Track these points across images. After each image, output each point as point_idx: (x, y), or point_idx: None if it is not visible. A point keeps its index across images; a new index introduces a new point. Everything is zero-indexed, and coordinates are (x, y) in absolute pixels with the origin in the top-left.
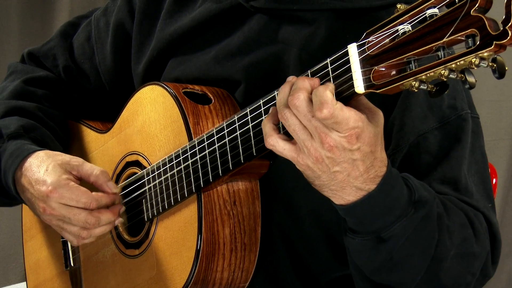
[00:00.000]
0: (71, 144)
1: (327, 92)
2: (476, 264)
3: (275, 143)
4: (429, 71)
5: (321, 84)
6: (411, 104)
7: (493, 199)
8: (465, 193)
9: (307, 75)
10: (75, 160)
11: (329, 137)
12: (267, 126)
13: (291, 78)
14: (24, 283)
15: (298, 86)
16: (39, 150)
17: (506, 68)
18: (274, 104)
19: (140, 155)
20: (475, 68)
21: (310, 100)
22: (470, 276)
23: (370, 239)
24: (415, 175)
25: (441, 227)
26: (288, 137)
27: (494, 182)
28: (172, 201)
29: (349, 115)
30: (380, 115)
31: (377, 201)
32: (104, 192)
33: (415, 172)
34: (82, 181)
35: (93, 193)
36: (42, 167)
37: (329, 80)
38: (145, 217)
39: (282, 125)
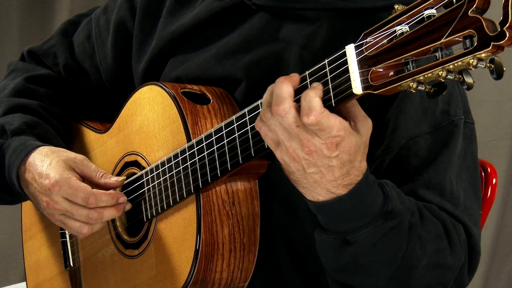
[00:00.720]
0: (70, 144)
1: (317, 99)
2: (448, 275)
3: (261, 126)
4: (427, 72)
5: (312, 84)
6: (406, 106)
7: (481, 206)
8: (450, 198)
9: (305, 76)
10: (80, 158)
11: (310, 142)
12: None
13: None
14: (24, 283)
15: (282, 94)
16: (43, 145)
17: (504, 69)
18: None
19: (139, 155)
20: (473, 69)
21: (295, 108)
22: (440, 286)
23: (336, 238)
24: (402, 178)
25: (412, 236)
26: None
27: (494, 182)
28: (171, 201)
29: (333, 123)
30: (367, 125)
31: (346, 205)
32: (110, 188)
33: (403, 174)
34: (85, 180)
35: (94, 189)
36: (45, 162)
37: (327, 81)
38: (144, 217)
39: None
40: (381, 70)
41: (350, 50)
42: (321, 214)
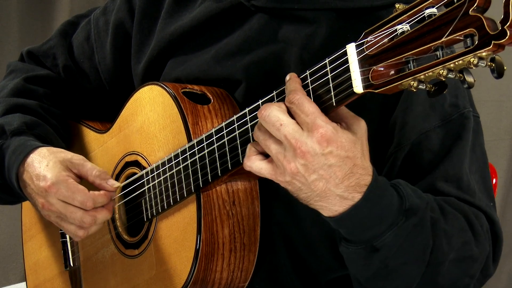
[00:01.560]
0: (70, 144)
1: (298, 84)
2: (475, 266)
3: (252, 164)
4: (427, 71)
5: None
6: (413, 103)
7: (494, 197)
8: (467, 190)
9: (306, 75)
10: (77, 158)
11: (300, 142)
12: (248, 149)
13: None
14: (24, 283)
15: (266, 104)
16: (42, 146)
17: (505, 67)
18: None
19: (139, 155)
20: (474, 67)
21: (278, 110)
22: (468, 278)
23: (363, 248)
24: (418, 173)
25: (437, 232)
26: (264, 156)
27: (494, 182)
28: (171, 201)
29: (315, 111)
30: (360, 124)
31: (364, 211)
32: (104, 190)
33: (418, 170)
34: (83, 180)
35: (90, 192)
36: (43, 163)
37: (327, 80)
38: (145, 217)
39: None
40: (382, 69)
41: (351, 49)
42: (342, 228)
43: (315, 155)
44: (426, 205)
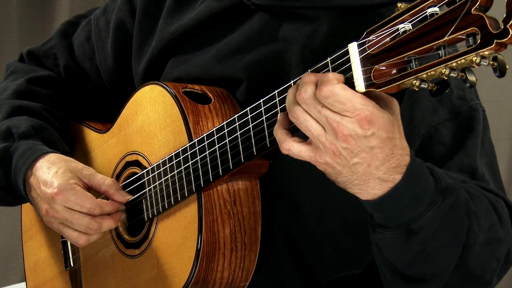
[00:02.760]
0: (71, 145)
1: (329, 74)
2: (502, 249)
3: (290, 146)
4: (429, 70)
5: None
6: (419, 97)
7: (504, 190)
8: (482, 181)
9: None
10: (87, 169)
11: (341, 125)
12: (278, 132)
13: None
14: (24, 283)
15: (304, 81)
16: (51, 152)
17: (507, 66)
18: (274, 104)
19: (140, 155)
20: (476, 66)
21: (314, 87)
22: (496, 262)
23: (400, 232)
24: None
25: (469, 213)
26: (301, 139)
27: None
28: (172, 200)
29: (352, 96)
30: (394, 103)
31: (404, 192)
32: (115, 201)
33: (431, 163)
34: (92, 190)
35: (98, 199)
36: (52, 169)
37: None
38: (145, 216)
39: (293, 128)
40: (384, 68)
41: (353, 48)
42: (380, 211)
43: (357, 138)
44: (460, 185)
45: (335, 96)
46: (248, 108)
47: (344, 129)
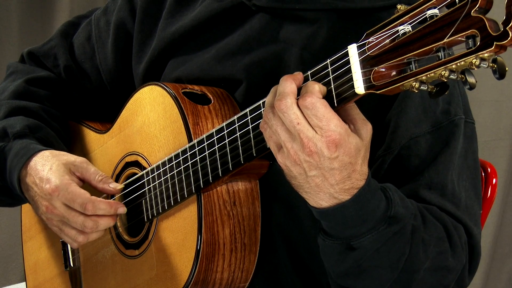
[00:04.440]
0: (70, 145)
1: (316, 85)
2: (450, 277)
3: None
4: (429, 72)
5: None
6: (407, 106)
7: (481, 206)
8: (451, 199)
9: (307, 76)
10: (80, 161)
11: (311, 142)
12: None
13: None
14: (24, 283)
15: (285, 90)
16: (44, 149)
17: (507, 68)
18: None
19: (140, 156)
20: (476, 68)
21: (296, 105)
22: None
23: (340, 243)
24: (403, 178)
25: (415, 240)
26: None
27: (494, 182)
28: (172, 201)
29: (331, 116)
30: (367, 128)
31: (349, 212)
32: (106, 193)
33: (404, 174)
34: (85, 183)
35: (92, 196)
36: (46, 166)
37: (329, 81)
38: (145, 217)
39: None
40: (384, 70)
41: (353, 50)
42: (324, 221)
43: (322, 156)
44: (410, 215)
45: (314, 110)
46: (248, 109)
47: (312, 146)
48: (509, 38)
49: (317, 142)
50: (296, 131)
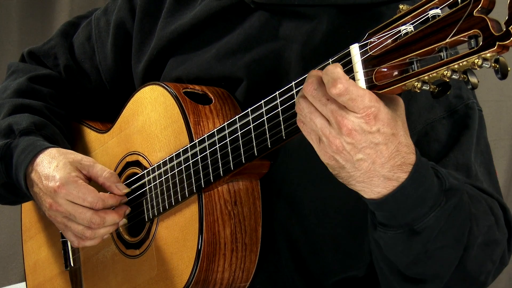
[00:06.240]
0: (72, 144)
1: (338, 69)
2: (498, 251)
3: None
4: (431, 72)
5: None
6: (417, 94)
7: (500, 191)
8: (476, 180)
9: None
10: (87, 159)
11: (346, 120)
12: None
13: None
14: (24, 283)
15: (309, 74)
16: (51, 147)
17: (509, 68)
18: (275, 105)
19: (141, 155)
20: (478, 68)
21: (323, 85)
22: (491, 263)
23: (403, 232)
24: None
25: (469, 215)
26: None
27: None
28: (173, 201)
29: (363, 93)
30: (398, 101)
31: (409, 192)
32: (113, 193)
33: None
34: (91, 181)
35: (100, 193)
36: (53, 163)
37: None
38: (146, 217)
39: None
40: (386, 70)
41: (355, 49)
42: (383, 210)
43: (362, 133)
44: (463, 185)
45: (348, 94)
46: (249, 109)
47: (349, 123)
48: (511, 38)
49: (353, 118)
50: (328, 110)
